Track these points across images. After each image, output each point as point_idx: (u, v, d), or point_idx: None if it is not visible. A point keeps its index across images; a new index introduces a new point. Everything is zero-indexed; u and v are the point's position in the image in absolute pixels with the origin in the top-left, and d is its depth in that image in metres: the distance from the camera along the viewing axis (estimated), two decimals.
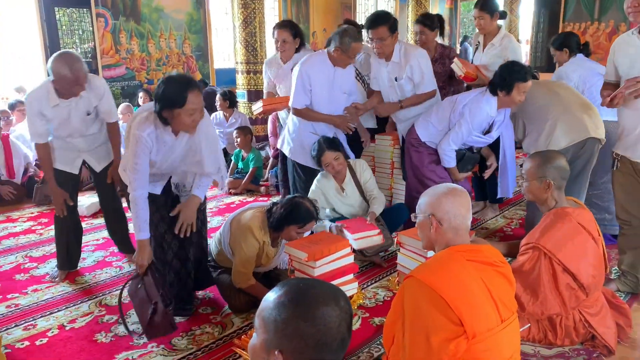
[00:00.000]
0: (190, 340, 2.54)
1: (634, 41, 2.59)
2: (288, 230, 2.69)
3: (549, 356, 2.36)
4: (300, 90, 3.46)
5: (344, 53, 3.34)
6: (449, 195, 1.88)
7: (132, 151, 2.44)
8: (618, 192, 2.83)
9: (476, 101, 3.29)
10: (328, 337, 1.04)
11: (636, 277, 2.91)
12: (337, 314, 1.05)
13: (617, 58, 2.70)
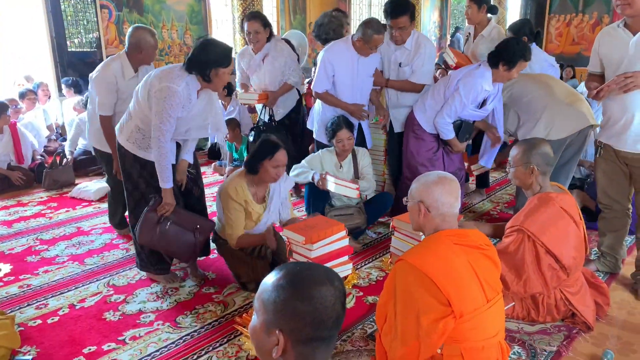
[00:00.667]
0: (194, 318, 2.56)
1: (618, 34, 2.57)
2: (264, 169, 2.67)
3: (531, 332, 2.39)
4: (322, 76, 3.48)
5: (365, 44, 3.32)
6: (438, 184, 1.88)
7: (165, 104, 2.46)
8: (600, 178, 2.85)
9: (470, 75, 3.26)
10: (324, 315, 1.05)
11: (615, 258, 2.94)
12: (332, 293, 1.07)
13: (602, 50, 2.68)
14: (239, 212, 2.73)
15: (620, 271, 2.97)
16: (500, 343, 1.87)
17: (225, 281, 2.94)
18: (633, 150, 2.60)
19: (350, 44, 3.42)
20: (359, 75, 3.49)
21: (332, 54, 3.45)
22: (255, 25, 3.78)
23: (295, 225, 2.63)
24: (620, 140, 2.64)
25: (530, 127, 3.27)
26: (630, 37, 2.50)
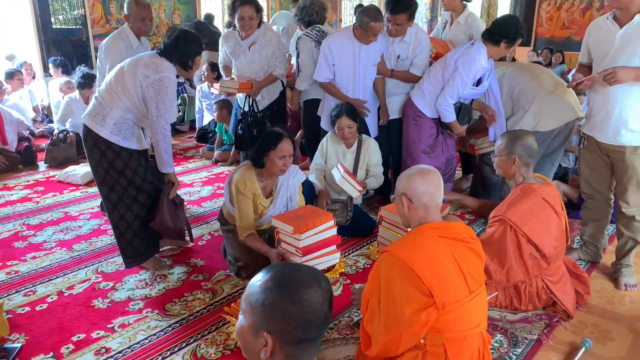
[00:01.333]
0: (183, 305, 2.58)
1: (607, 26, 2.59)
2: (270, 161, 2.65)
3: (514, 321, 2.45)
4: (324, 65, 3.50)
5: (364, 32, 3.31)
6: (417, 175, 1.92)
7: (168, 94, 2.61)
8: (583, 168, 2.89)
9: (468, 54, 3.27)
10: (313, 316, 1.07)
11: (596, 247, 3.01)
12: (320, 294, 1.08)
13: (590, 41, 2.71)
14: (249, 205, 2.71)
15: (601, 260, 3.03)
16: (482, 333, 1.92)
17: (214, 268, 2.96)
18: (613, 142, 2.64)
19: (351, 33, 3.42)
20: (360, 63, 3.48)
21: (332, 43, 3.46)
22: (250, 11, 3.57)
23: (283, 214, 2.64)
24: (601, 131, 2.68)
25: (519, 118, 3.31)
26: (618, 29, 2.52)
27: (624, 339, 2.34)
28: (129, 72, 2.62)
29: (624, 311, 2.56)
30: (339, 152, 3.51)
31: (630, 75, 2.44)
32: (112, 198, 2.74)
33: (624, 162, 2.64)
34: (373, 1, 12.21)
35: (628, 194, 2.69)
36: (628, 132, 2.58)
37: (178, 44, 2.64)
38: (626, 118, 2.56)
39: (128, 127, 2.70)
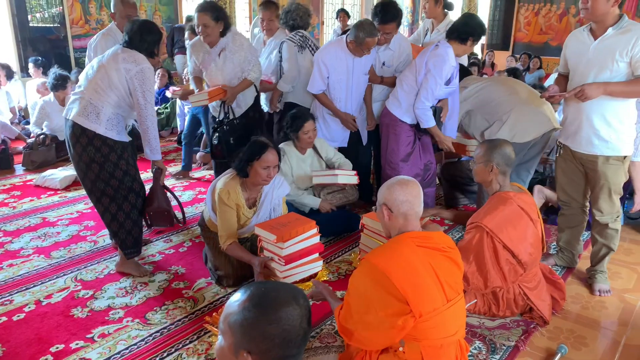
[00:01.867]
0: (164, 314, 2.57)
1: (583, 37, 2.65)
2: (254, 171, 2.64)
3: (492, 327, 2.50)
4: (317, 77, 3.57)
5: (358, 46, 3.39)
6: (396, 185, 1.97)
7: (150, 83, 2.78)
8: (560, 176, 2.95)
9: (436, 55, 3.33)
10: (292, 334, 1.08)
11: (572, 253, 3.08)
12: (298, 312, 1.10)
13: (567, 52, 2.78)
14: (231, 215, 2.69)
15: (576, 266, 3.10)
16: (460, 341, 1.96)
17: (195, 276, 2.95)
18: (586, 151, 2.71)
19: (344, 45, 3.49)
20: (354, 74, 3.57)
21: (326, 56, 3.52)
22: (204, 19, 3.35)
23: (266, 223, 2.63)
24: (575, 141, 2.75)
25: (495, 130, 3.36)
26: (592, 41, 2.59)
27: (598, 344, 2.40)
28: (112, 68, 2.74)
29: (598, 317, 2.63)
30: (299, 161, 3.50)
31: (598, 91, 2.51)
32: (109, 191, 2.81)
33: (597, 171, 2.70)
34: (355, 5, 12.26)
35: (601, 203, 2.75)
36: (600, 142, 2.65)
37: (143, 36, 2.81)
38: (598, 128, 2.63)
39: (119, 121, 2.84)
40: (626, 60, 2.49)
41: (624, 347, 2.39)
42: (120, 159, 2.81)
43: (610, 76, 2.53)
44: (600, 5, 2.46)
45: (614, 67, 2.52)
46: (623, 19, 2.52)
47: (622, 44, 2.47)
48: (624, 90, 2.52)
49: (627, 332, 2.50)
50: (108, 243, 3.34)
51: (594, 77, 2.57)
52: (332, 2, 11.72)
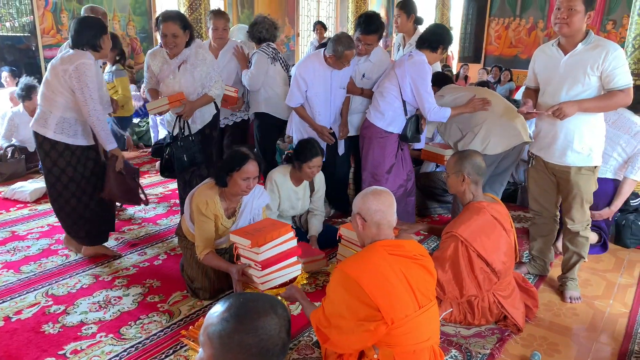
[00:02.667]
0: (139, 328, 2.52)
1: (552, 52, 2.72)
2: (233, 182, 2.60)
3: (468, 336, 2.53)
4: (295, 91, 3.58)
5: (338, 60, 3.42)
6: (370, 195, 2.03)
7: (86, 79, 2.85)
8: (532, 187, 3.02)
9: (415, 65, 3.34)
10: (270, 345, 1.08)
11: (544, 261, 3.15)
12: (276, 322, 1.10)
13: (536, 67, 2.84)
14: (209, 225, 2.66)
15: (548, 274, 3.17)
16: (433, 347, 2.00)
17: (171, 289, 2.90)
18: (559, 162, 2.79)
19: (322, 59, 3.51)
20: (332, 87, 3.59)
21: (304, 70, 3.53)
22: (173, 28, 3.12)
23: (241, 229, 2.60)
24: (548, 152, 2.82)
25: (468, 141, 3.44)
26: (562, 56, 2.66)
27: (569, 350, 2.46)
28: (52, 75, 2.92)
29: (570, 323, 2.69)
30: (290, 192, 3.39)
31: (574, 109, 2.59)
32: (66, 193, 3.09)
33: (569, 181, 2.78)
34: (330, 17, 12.38)
35: (573, 212, 2.83)
36: (573, 154, 2.72)
37: (82, 32, 2.91)
38: (571, 140, 2.70)
39: (70, 125, 2.99)
40: (597, 74, 2.57)
41: (594, 352, 2.45)
42: (69, 166, 3.02)
43: (583, 89, 2.61)
44: (579, 20, 2.53)
45: (586, 81, 2.59)
46: (590, 34, 2.61)
47: (592, 58, 2.55)
48: (597, 106, 2.62)
49: (597, 337, 2.57)
50: (80, 257, 3.27)
51: (567, 90, 2.64)
52: (307, 14, 11.83)
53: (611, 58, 2.53)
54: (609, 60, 2.53)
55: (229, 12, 9.67)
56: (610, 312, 2.81)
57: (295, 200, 3.42)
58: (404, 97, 3.44)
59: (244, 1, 9.89)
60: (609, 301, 2.93)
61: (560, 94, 2.67)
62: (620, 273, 3.27)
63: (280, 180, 3.34)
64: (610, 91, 2.59)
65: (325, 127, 3.70)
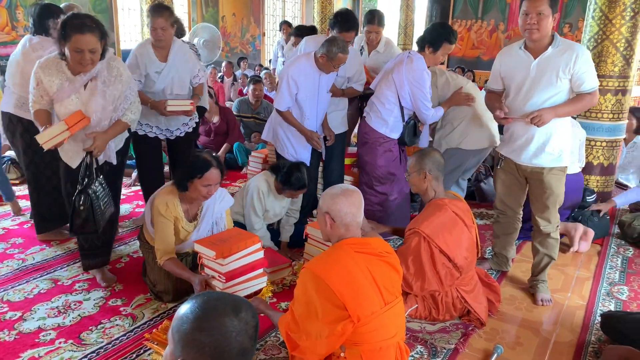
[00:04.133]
0: (100, 333, 2.45)
1: (519, 55, 2.71)
2: (193, 188, 2.56)
3: (433, 331, 2.57)
4: (285, 94, 3.39)
5: (329, 61, 3.26)
6: (341, 196, 2.01)
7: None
8: (499, 187, 3.03)
9: (412, 70, 3.29)
10: (225, 346, 1.06)
11: (506, 258, 3.22)
12: (236, 324, 1.07)
13: (503, 69, 2.82)
14: (169, 228, 2.61)
15: (509, 269, 3.25)
16: (399, 343, 2.02)
17: (133, 292, 2.83)
18: (532, 164, 2.78)
19: (312, 61, 3.36)
20: (320, 91, 3.47)
21: (296, 72, 3.37)
22: (92, 41, 2.46)
23: (206, 238, 2.56)
24: (521, 154, 2.80)
25: (446, 132, 3.49)
26: (532, 59, 2.65)
27: (531, 343, 2.52)
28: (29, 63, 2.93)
29: (531, 317, 2.76)
30: (275, 202, 3.39)
31: (552, 115, 2.60)
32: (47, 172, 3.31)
33: (542, 182, 2.77)
34: (296, 17, 12.38)
35: (547, 213, 2.83)
36: (545, 155, 2.73)
37: (41, 20, 3.08)
38: (544, 142, 2.71)
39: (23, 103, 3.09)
40: (568, 77, 2.59)
41: (554, 344, 2.52)
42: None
43: (555, 92, 2.62)
44: (548, 24, 2.55)
45: (558, 84, 2.60)
46: (556, 37, 2.63)
47: (564, 61, 2.57)
48: (570, 110, 2.67)
49: (556, 329, 2.65)
50: (37, 261, 3.16)
51: (539, 93, 2.64)
52: (273, 14, 11.79)
53: (581, 62, 2.56)
54: (579, 64, 2.55)
55: (194, 11, 9.55)
56: (569, 305, 2.90)
57: (280, 208, 3.44)
58: (402, 103, 3.40)
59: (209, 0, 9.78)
60: (567, 294, 3.02)
61: (532, 97, 2.66)
62: (577, 267, 3.39)
63: (265, 190, 3.32)
64: (579, 94, 2.63)
65: (315, 132, 3.57)
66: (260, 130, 5.00)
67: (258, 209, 3.29)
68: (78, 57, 2.48)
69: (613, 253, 3.62)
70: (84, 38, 2.43)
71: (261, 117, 5.98)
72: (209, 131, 5.46)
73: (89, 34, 2.44)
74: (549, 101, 2.65)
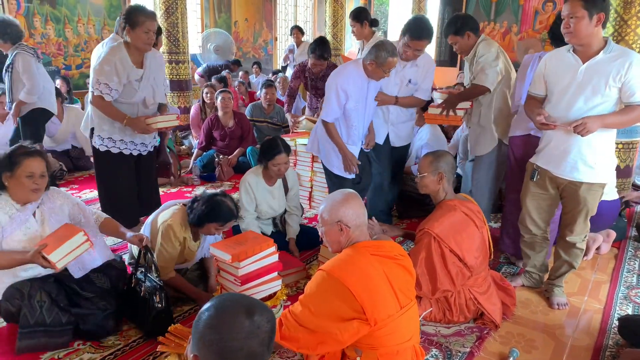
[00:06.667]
0: (118, 335, 2.48)
1: (567, 59, 2.56)
2: (208, 227, 2.66)
3: (448, 335, 2.56)
4: (334, 105, 3.27)
5: (378, 67, 3.14)
6: (346, 201, 2.04)
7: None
8: (528, 202, 2.86)
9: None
10: (231, 347, 1.07)
11: (539, 275, 3.06)
12: (246, 326, 1.08)
13: (548, 73, 2.65)
14: (176, 248, 2.69)
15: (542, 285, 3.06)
16: (415, 347, 2.03)
17: None
18: (569, 177, 2.64)
19: (360, 68, 3.24)
20: (367, 99, 3.36)
21: (344, 81, 3.24)
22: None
23: (222, 242, 2.59)
24: (559, 166, 2.66)
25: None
26: (580, 64, 2.50)
27: (547, 346, 2.51)
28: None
29: (546, 320, 2.74)
30: (265, 192, 3.35)
31: (597, 124, 2.43)
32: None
33: (578, 196, 2.65)
34: (307, 22, 12.43)
35: (576, 225, 2.72)
36: (586, 168, 2.58)
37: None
38: (585, 154, 2.56)
39: None
40: (617, 86, 2.43)
41: (570, 348, 2.51)
42: None
43: (602, 100, 2.47)
44: (583, 28, 2.40)
45: (606, 92, 2.45)
46: (610, 42, 2.47)
47: (615, 69, 2.41)
48: (619, 122, 2.49)
49: (573, 333, 2.63)
50: None
51: (585, 101, 2.49)
52: (285, 18, 11.85)
53: (634, 70, 2.38)
54: (632, 72, 2.38)
55: (206, 16, 9.65)
56: (585, 309, 2.88)
57: (271, 199, 3.40)
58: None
59: (222, 5, 9.87)
60: (583, 298, 3.00)
61: (576, 104, 2.52)
62: (594, 270, 3.36)
63: (253, 181, 3.31)
64: (629, 106, 2.45)
65: (355, 158, 3.42)
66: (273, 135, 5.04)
67: (246, 201, 3.26)
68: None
69: (630, 256, 3.59)
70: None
71: (274, 121, 6.02)
72: (225, 136, 5.51)
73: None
74: (594, 110, 2.48)
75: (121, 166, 3.34)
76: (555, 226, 3.08)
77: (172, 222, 2.66)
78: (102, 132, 3.26)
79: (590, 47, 2.48)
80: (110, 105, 3.13)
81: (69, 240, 2.23)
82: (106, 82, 3.05)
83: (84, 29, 7.59)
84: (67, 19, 7.36)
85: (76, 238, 2.25)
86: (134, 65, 3.15)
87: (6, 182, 2.29)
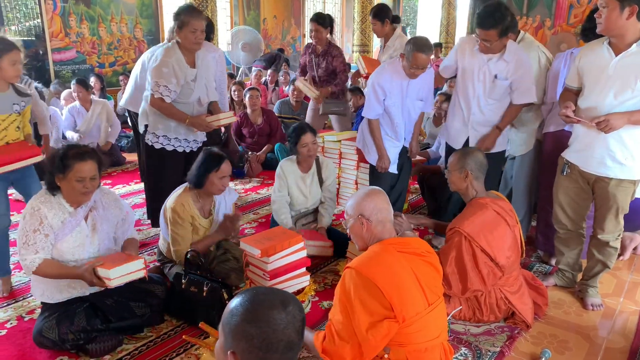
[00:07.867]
0: (149, 328, 2.54)
1: (602, 51, 2.49)
2: (210, 182, 2.72)
3: (477, 333, 2.53)
4: (373, 101, 3.31)
5: (406, 61, 3.12)
6: (370, 195, 2.05)
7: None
8: (561, 196, 2.82)
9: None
10: (273, 338, 1.09)
11: (572, 274, 2.99)
12: (283, 317, 1.10)
13: (582, 64, 2.60)
14: (186, 228, 2.74)
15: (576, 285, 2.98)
16: (443, 344, 2.01)
17: None
18: (597, 172, 2.60)
19: (399, 66, 3.24)
20: (409, 96, 3.33)
21: (381, 78, 3.27)
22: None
23: (251, 237, 2.63)
24: (587, 161, 2.62)
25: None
26: (613, 57, 2.44)
27: (580, 348, 2.45)
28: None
29: (580, 321, 2.68)
30: (298, 178, 3.40)
31: (622, 122, 2.37)
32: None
33: (607, 192, 2.60)
34: (335, 18, 12.40)
35: (606, 222, 2.67)
36: (614, 164, 2.53)
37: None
38: (613, 150, 2.50)
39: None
40: None
41: (605, 350, 2.45)
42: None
43: (632, 95, 2.39)
44: (613, 18, 2.33)
45: (637, 87, 2.36)
46: None
47: None
48: None
49: (608, 335, 2.56)
50: None
51: (614, 95, 2.42)
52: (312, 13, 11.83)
53: None
54: None
55: (235, 14, 9.74)
56: (621, 310, 2.80)
57: (303, 185, 3.43)
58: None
59: (250, 2, 9.94)
60: (619, 299, 2.92)
61: (606, 98, 2.45)
62: (630, 271, 3.26)
63: (286, 166, 3.40)
64: None
65: (388, 160, 3.44)
66: None
67: (278, 184, 3.36)
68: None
69: None
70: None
71: (302, 118, 6.04)
72: (253, 133, 5.57)
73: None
74: (624, 105, 2.41)
75: (172, 162, 3.40)
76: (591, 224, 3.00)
77: (174, 205, 2.73)
78: (157, 130, 3.32)
79: (624, 40, 2.40)
80: (171, 106, 3.18)
81: (128, 263, 2.24)
82: (166, 84, 3.08)
83: (117, 27, 7.77)
84: (101, 18, 7.54)
85: (136, 263, 2.26)
86: (188, 65, 3.18)
87: (59, 183, 2.30)
